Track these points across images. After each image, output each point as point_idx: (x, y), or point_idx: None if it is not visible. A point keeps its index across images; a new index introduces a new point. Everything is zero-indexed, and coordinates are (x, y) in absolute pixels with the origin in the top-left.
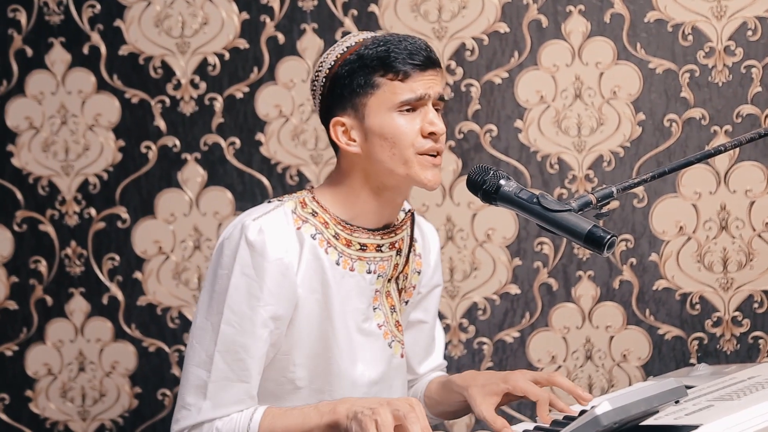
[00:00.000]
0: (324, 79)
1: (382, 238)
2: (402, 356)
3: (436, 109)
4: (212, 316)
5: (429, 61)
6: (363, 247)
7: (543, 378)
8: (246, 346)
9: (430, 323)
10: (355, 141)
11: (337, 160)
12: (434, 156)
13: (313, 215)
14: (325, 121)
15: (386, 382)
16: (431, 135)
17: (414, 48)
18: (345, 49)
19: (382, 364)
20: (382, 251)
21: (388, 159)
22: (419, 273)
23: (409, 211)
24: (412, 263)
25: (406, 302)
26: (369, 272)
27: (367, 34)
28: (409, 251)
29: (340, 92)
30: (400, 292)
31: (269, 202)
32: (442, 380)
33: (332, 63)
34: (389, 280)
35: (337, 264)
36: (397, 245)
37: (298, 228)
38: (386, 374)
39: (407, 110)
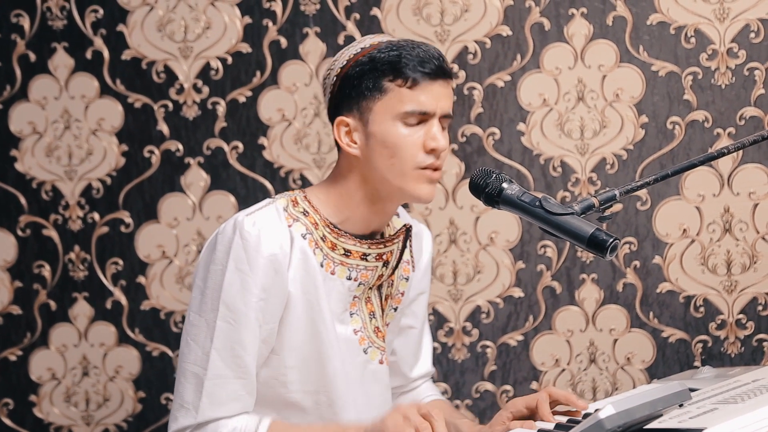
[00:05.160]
0: (335, 78)
1: (369, 248)
2: (381, 362)
3: (442, 126)
4: (206, 312)
5: (440, 71)
6: (347, 253)
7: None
8: (242, 342)
9: (418, 328)
10: (356, 143)
11: (338, 159)
12: (433, 171)
13: (304, 215)
14: (332, 120)
15: (362, 387)
16: (432, 151)
17: (426, 56)
18: (359, 50)
19: (353, 369)
20: (367, 260)
21: (385, 168)
22: (407, 279)
23: (405, 225)
24: (399, 270)
25: (395, 309)
26: (349, 278)
27: (383, 38)
28: (397, 264)
29: (349, 92)
30: (386, 298)
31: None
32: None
33: (345, 62)
34: (371, 288)
35: (321, 266)
36: (384, 257)
37: (290, 226)
38: (362, 379)
39: (412, 123)
